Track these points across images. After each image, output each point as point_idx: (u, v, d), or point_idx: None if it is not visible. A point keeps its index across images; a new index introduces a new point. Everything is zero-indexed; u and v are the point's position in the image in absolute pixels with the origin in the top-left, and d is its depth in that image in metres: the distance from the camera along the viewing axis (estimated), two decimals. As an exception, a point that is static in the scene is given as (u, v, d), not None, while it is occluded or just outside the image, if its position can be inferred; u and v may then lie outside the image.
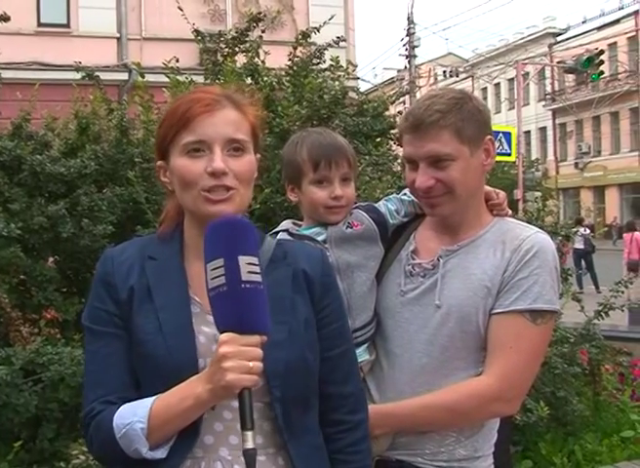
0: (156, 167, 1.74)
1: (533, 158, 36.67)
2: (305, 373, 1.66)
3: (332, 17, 5.01)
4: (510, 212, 2.13)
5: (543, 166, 38.94)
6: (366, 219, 2.10)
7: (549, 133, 44.14)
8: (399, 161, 4.86)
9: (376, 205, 2.18)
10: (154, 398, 1.56)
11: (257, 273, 1.47)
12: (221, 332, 1.47)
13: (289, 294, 1.69)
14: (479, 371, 1.96)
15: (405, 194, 2.19)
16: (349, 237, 2.07)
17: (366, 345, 2.06)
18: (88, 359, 1.69)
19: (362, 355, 2.04)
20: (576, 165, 41.72)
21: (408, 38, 28.96)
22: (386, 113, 5.00)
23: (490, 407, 1.95)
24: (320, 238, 2.07)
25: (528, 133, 41.61)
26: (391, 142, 4.97)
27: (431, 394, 1.95)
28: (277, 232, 2.12)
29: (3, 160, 3.77)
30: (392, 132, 4.89)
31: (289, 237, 2.08)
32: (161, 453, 1.56)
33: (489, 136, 2.01)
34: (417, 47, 29.10)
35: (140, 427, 1.54)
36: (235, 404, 1.54)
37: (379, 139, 4.75)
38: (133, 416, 1.55)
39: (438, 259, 2.01)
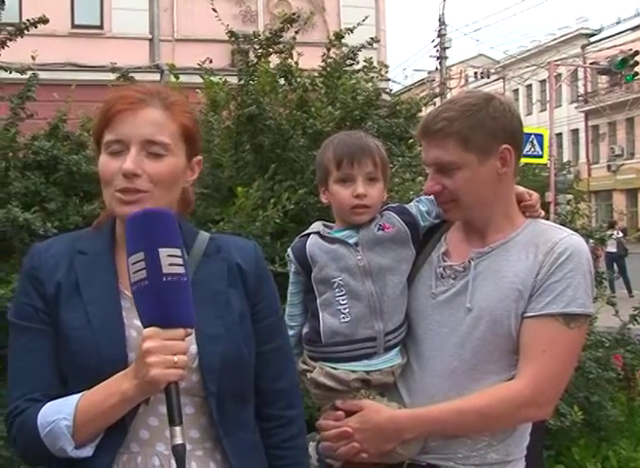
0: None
1: (564, 160, 36.31)
2: (241, 368, 1.66)
3: (365, 18, 4.98)
4: (543, 213, 2.11)
5: (575, 168, 38.52)
6: (397, 222, 2.09)
7: (581, 135, 43.69)
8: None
9: (407, 206, 2.17)
10: (80, 395, 1.54)
11: (179, 265, 1.44)
12: (145, 327, 1.46)
13: (224, 288, 1.67)
14: (511, 375, 1.95)
15: None
16: (381, 239, 2.06)
17: (398, 348, 2.05)
18: (12, 355, 1.65)
19: (394, 359, 2.04)
20: (608, 167, 41.25)
21: (439, 39, 28.84)
22: (419, 115, 4.97)
23: (522, 412, 1.94)
24: (351, 241, 2.06)
25: (560, 135, 41.19)
26: (424, 144, 4.94)
27: (463, 398, 1.94)
28: (308, 234, 2.13)
29: (40, 160, 3.81)
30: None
31: (320, 239, 2.08)
32: (87, 452, 1.53)
33: (505, 146, 1.96)
34: (448, 48, 28.97)
35: (65, 425, 1.51)
36: None
37: (411, 141, 4.73)
38: (57, 414, 1.52)
39: (469, 261, 2.00)
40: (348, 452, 1.98)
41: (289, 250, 2.15)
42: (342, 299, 2.02)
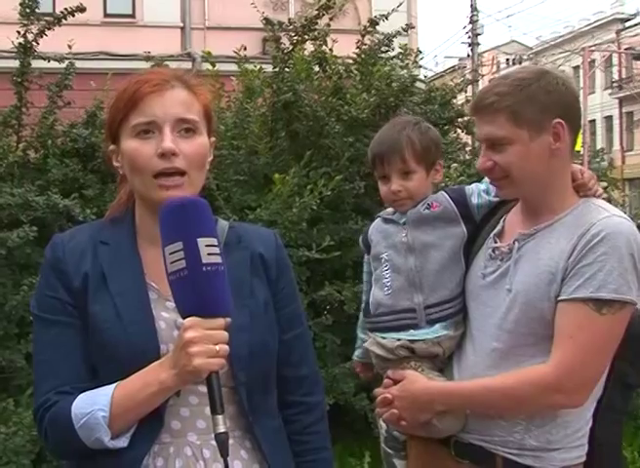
0: (108, 152, 1.68)
1: (598, 148, 35.85)
2: (267, 356, 1.66)
3: (400, 4, 4.97)
4: (601, 191, 2.04)
5: (609, 156, 38.00)
6: (445, 200, 2.16)
7: (615, 122, 43.05)
8: (468, 149, 4.83)
9: (465, 186, 2.24)
10: (114, 385, 1.53)
11: (216, 254, 1.43)
12: (184, 317, 1.44)
13: (247, 277, 1.67)
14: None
15: None
16: (427, 218, 2.15)
17: (445, 323, 2.10)
18: (38, 349, 1.63)
19: (438, 331, 2.11)
20: (642, 154, 40.67)
21: (471, 25, 28.59)
22: (453, 101, 4.94)
23: (547, 396, 1.89)
24: (402, 220, 2.18)
25: (593, 122, 40.67)
26: (459, 131, 4.93)
27: (491, 377, 1.95)
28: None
29: (78, 147, 3.87)
30: (460, 120, 4.85)
31: (380, 221, 2.23)
32: (122, 442, 1.52)
33: (557, 120, 1.92)
34: (480, 34, 28.71)
35: (101, 416, 1.50)
36: (201, 388, 1.53)
37: (446, 127, 4.71)
38: (93, 405, 1.51)
39: (514, 243, 2.00)
40: (389, 418, 2.07)
41: (360, 239, 2.33)
42: (386, 273, 2.16)
